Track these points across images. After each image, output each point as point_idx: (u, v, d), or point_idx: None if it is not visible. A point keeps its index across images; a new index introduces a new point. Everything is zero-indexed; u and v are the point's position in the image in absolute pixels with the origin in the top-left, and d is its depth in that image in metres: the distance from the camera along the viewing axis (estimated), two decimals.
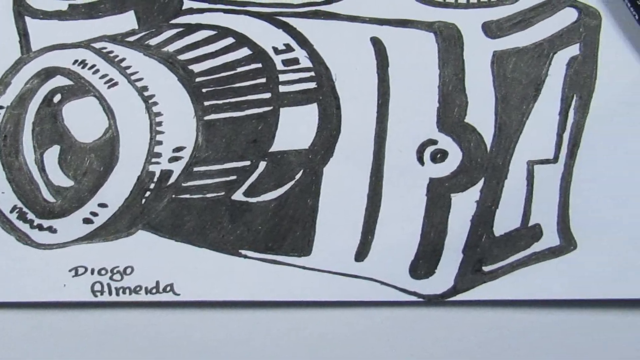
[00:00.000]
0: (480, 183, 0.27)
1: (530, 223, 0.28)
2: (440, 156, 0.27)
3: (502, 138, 0.27)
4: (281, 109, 0.27)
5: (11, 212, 0.27)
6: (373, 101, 0.28)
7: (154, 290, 0.27)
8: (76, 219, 0.27)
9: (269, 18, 0.28)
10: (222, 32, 0.27)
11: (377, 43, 0.28)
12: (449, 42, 0.27)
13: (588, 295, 0.27)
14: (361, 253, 0.27)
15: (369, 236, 0.27)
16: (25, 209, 0.27)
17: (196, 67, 0.27)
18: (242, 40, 0.27)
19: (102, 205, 0.26)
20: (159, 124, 0.26)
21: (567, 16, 0.28)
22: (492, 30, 0.28)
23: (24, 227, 0.27)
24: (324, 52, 0.28)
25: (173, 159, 0.26)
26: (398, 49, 0.27)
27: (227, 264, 0.27)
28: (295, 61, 0.27)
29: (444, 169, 0.27)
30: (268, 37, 0.28)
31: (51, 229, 0.27)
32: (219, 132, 0.27)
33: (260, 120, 0.27)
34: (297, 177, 0.27)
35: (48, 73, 0.27)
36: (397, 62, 0.27)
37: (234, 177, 0.27)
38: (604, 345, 0.28)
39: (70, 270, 0.27)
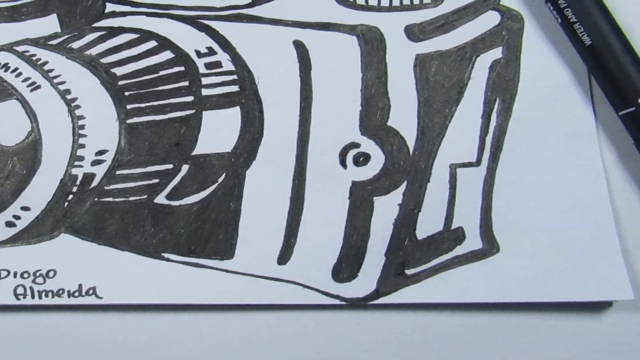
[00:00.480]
0: (403, 186, 0.31)
1: (453, 226, 0.31)
2: (362, 159, 0.31)
3: (425, 141, 0.31)
4: (204, 112, 0.31)
5: None
6: (296, 104, 0.32)
7: (76, 294, 0.30)
8: None
9: (192, 21, 0.32)
10: (145, 35, 0.31)
11: (299, 46, 0.32)
12: (372, 45, 0.32)
13: (510, 299, 0.30)
14: (284, 256, 0.31)
15: (291, 239, 0.31)
16: None
17: (119, 71, 0.31)
18: (164, 43, 0.31)
19: (25, 209, 0.30)
20: (82, 127, 0.30)
21: (489, 19, 0.33)
22: (414, 33, 0.32)
23: None
24: (247, 55, 0.32)
25: (96, 162, 0.30)
26: (320, 52, 0.32)
27: (149, 268, 0.31)
28: (218, 64, 0.31)
29: (367, 172, 0.31)
30: (191, 40, 0.32)
31: None
32: (141, 136, 0.31)
33: (183, 123, 0.31)
34: (220, 180, 0.31)
35: None
36: (319, 65, 0.32)
37: (156, 181, 0.31)
38: (526, 349, 0.31)
39: None
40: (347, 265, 0.31)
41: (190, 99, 0.31)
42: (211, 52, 0.32)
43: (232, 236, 0.31)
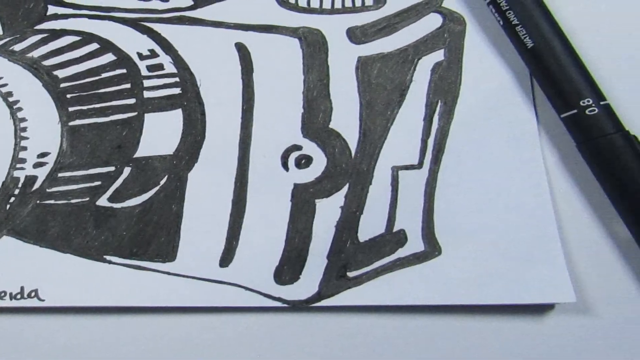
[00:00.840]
0: (345, 189, 0.31)
1: (395, 229, 0.32)
2: (304, 162, 0.31)
3: (367, 144, 0.32)
4: (146, 115, 0.31)
5: None
6: (238, 107, 0.32)
7: (18, 296, 0.30)
8: None
9: (134, 24, 0.32)
10: (87, 37, 0.32)
11: (241, 49, 0.32)
12: (314, 47, 0.32)
13: (452, 301, 0.31)
14: (226, 259, 0.31)
15: (233, 242, 0.31)
16: None
17: (61, 73, 0.31)
18: (106, 46, 0.32)
19: None
20: (24, 129, 0.31)
21: (431, 22, 0.33)
22: (356, 36, 0.32)
23: None
24: (189, 58, 0.32)
25: (38, 165, 0.31)
26: (263, 55, 0.32)
27: (91, 270, 0.31)
28: (160, 67, 0.32)
29: (309, 174, 0.31)
30: (132, 43, 0.32)
31: None
32: (83, 138, 0.31)
33: (125, 125, 0.31)
34: (162, 182, 0.31)
35: None
36: (261, 68, 0.32)
37: (98, 183, 0.31)
38: (468, 351, 0.31)
39: None
40: (289, 267, 0.31)
41: (132, 101, 0.31)
42: (153, 54, 0.32)
43: (174, 238, 0.31)
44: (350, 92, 0.32)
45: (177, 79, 0.32)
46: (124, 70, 0.31)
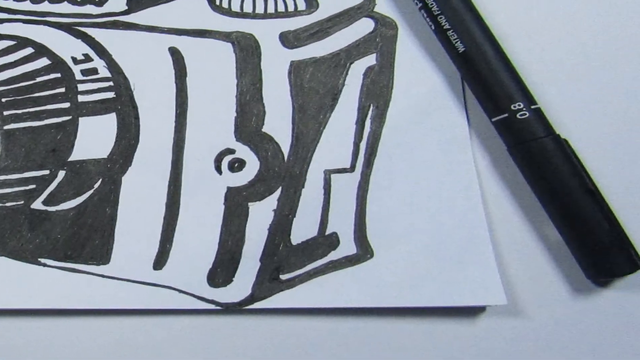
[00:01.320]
0: (278, 192, 0.32)
1: (327, 232, 0.32)
2: (237, 165, 0.32)
3: (299, 147, 0.32)
4: (80, 119, 0.32)
5: None
6: (171, 110, 0.32)
7: None
8: None
9: (68, 28, 0.33)
10: (21, 42, 0.32)
11: (175, 53, 0.32)
12: (247, 52, 0.32)
13: (384, 304, 0.31)
14: (159, 261, 0.31)
15: (167, 245, 0.31)
16: None
17: None
18: (41, 50, 0.32)
19: None
20: None
21: (364, 26, 0.33)
22: (289, 40, 0.33)
23: None
24: (123, 62, 0.32)
25: None
26: (196, 59, 0.32)
27: (26, 272, 0.31)
28: (94, 71, 0.32)
29: (242, 178, 0.32)
30: (67, 47, 0.32)
31: None
32: (18, 142, 0.32)
33: (60, 129, 0.32)
34: (96, 186, 0.31)
35: None
36: (195, 72, 0.32)
37: (33, 186, 0.31)
38: (400, 353, 0.32)
39: None
40: (222, 270, 0.31)
41: (66, 105, 0.32)
42: (87, 59, 0.32)
43: (108, 241, 0.31)
44: (283, 96, 0.33)
45: (111, 83, 0.32)
46: (59, 75, 0.32)
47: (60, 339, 0.31)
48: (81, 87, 0.32)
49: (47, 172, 0.31)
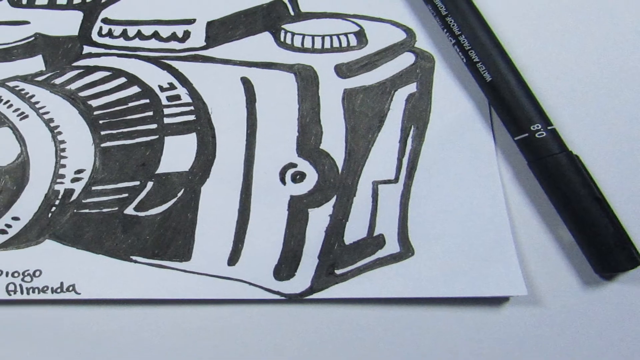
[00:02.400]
0: (333, 200, 0.34)
1: (375, 233, 0.34)
2: (299, 177, 0.34)
3: (351, 162, 0.35)
4: (166, 138, 0.35)
5: None
6: (243, 131, 0.35)
7: (58, 290, 0.33)
8: None
9: (155, 61, 0.36)
10: (116, 72, 0.35)
11: (246, 82, 0.35)
12: (307, 81, 0.35)
13: (423, 294, 0.34)
14: (233, 259, 0.34)
15: (239, 244, 0.34)
16: None
17: (94, 102, 0.34)
18: (132, 79, 0.35)
19: (15, 219, 0.34)
20: (63, 150, 0.34)
21: (406, 59, 0.36)
22: (343, 71, 0.35)
23: None
24: (202, 90, 0.35)
25: (75, 180, 0.34)
26: (264, 87, 0.35)
27: (120, 268, 0.34)
28: (178, 97, 0.35)
29: (303, 188, 0.34)
30: (154, 77, 0.35)
31: None
32: (113, 157, 0.35)
33: (148, 147, 0.35)
34: (179, 195, 0.34)
35: None
36: (263, 98, 0.35)
37: (125, 195, 0.34)
38: (436, 337, 0.34)
39: None
40: (286, 266, 0.34)
41: (154, 126, 0.34)
42: (172, 87, 0.35)
43: (190, 242, 0.34)
44: (338, 118, 0.35)
45: (192, 108, 0.35)
46: (147, 100, 0.34)
47: (148, 325, 0.34)
48: (166, 111, 0.34)
49: (137, 183, 0.34)
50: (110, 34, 0.36)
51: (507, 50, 0.35)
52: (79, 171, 0.34)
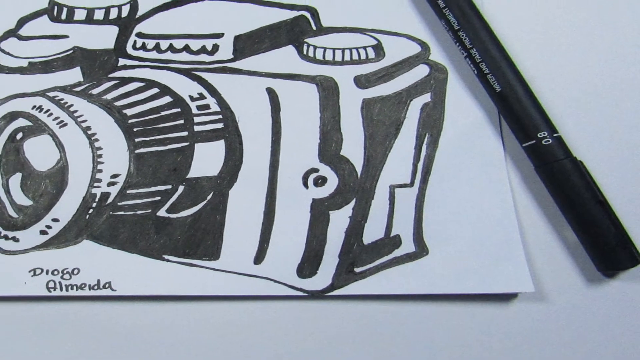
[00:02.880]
0: (353, 202, 0.35)
1: (392, 234, 0.36)
2: (321, 181, 0.35)
3: (370, 167, 0.36)
4: (196, 144, 0.35)
5: None
6: (268, 138, 0.36)
7: (95, 287, 0.34)
8: (34, 230, 0.35)
9: (186, 72, 0.37)
10: (149, 83, 0.36)
11: (271, 92, 0.36)
12: (328, 91, 0.36)
13: (437, 291, 0.35)
14: (259, 257, 0.35)
15: (264, 244, 0.35)
16: None
17: (129, 111, 0.35)
18: (165, 90, 0.36)
19: (55, 220, 0.35)
20: (100, 156, 0.35)
21: (421, 71, 0.37)
22: (361, 82, 0.36)
23: None
24: (230, 99, 0.36)
25: (111, 184, 0.35)
26: (288, 97, 0.36)
27: (153, 266, 0.35)
28: (207, 107, 0.36)
29: (324, 191, 0.35)
30: (185, 87, 0.36)
31: (14, 239, 0.35)
32: (146, 162, 0.35)
33: (179, 153, 0.36)
34: (208, 198, 0.35)
35: (12, 116, 0.36)
36: (287, 107, 0.36)
37: (158, 198, 0.35)
38: (448, 331, 0.35)
39: (29, 271, 0.35)
40: (309, 264, 0.35)
41: (185, 134, 0.35)
42: (201, 97, 0.36)
43: (218, 242, 0.35)
44: (357, 126, 0.36)
45: (220, 116, 0.36)
46: (179, 109, 0.35)
47: (179, 320, 0.35)
48: (197, 119, 0.35)
49: (169, 187, 0.35)
50: (144, 47, 0.37)
51: (515, 62, 0.36)
52: (115, 176, 0.35)
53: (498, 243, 0.35)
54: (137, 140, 0.35)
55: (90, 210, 0.35)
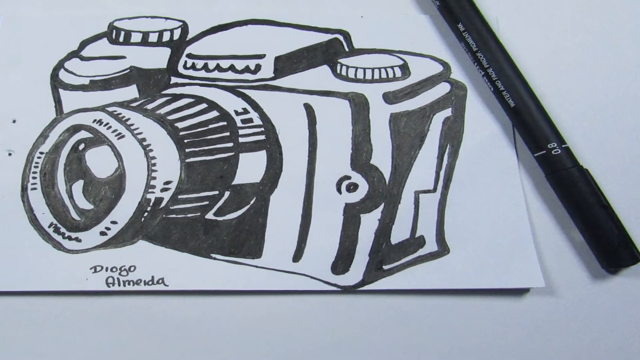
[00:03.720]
0: (381, 206, 0.37)
1: (417, 235, 0.37)
2: (352, 187, 0.37)
3: (397, 174, 0.37)
4: (240, 154, 0.37)
5: (49, 227, 0.37)
6: (305, 148, 0.37)
7: (150, 282, 0.36)
8: (95, 232, 0.36)
9: (232, 90, 0.38)
10: (198, 99, 0.38)
11: (308, 107, 0.38)
12: (359, 107, 0.38)
13: (457, 286, 0.36)
14: (297, 256, 0.36)
15: (302, 244, 0.36)
16: (59, 225, 0.36)
17: (180, 124, 0.37)
18: (212, 105, 0.37)
19: (114, 223, 0.36)
20: (154, 164, 0.36)
21: (443, 88, 0.39)
22: (389, 98, 0.38)
23: (58, 237, 0.36)
24: (270, 114, 0.38)
25: (164, 190, 0.36)
26: (323, 112, 0.38)
27: (202, 264, 0.36)
28: (250, 120, 0.38)
29: (356, 196, 0.37)
30: (231, 103, 0.38)
31: (77, 239, 0.36)
32: (196, 170, 0.37)
33: (226, 162, 0.37)
34: (252, 202, 0.37)
35: (75, 129, 0.37)
36: (322, 121, 0.38)
37: (206, 203, 0.37)
38: (467, 322, 0.36)
39: (90, 268, 0.36)
40: (342, 262, 0.36)
41: (230, 144, 0.37)
42: (245, 111, 0.38)
43: (260, 242, 0.36)
44: (385, 138, 0.37)
45: (262, 129, 0.37)
46: (225, 123, 0.37)
47: (225, 312, 0.36)
48: (241, 132, 0.37)
49: (216, 192, 0.37)
50: (193, 66, 0.39)
51: (528, 80, 0.38)
52: (167, 182, 0.36)
53: (512, 243, 0.36)
54: (187, 150, 0.36)
55: (145, 214, 0.36)
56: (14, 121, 0.38)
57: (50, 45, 0.40)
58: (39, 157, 0.37)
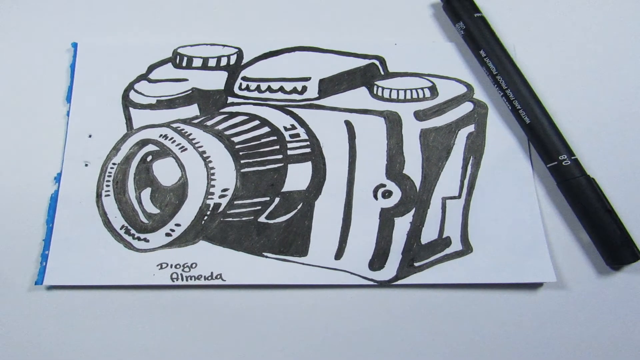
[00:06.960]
0: (413, 211, 0.40)
1: (444, 236, 0.40)
2: (387, 194, 0.40)
3: (426, 183, 0.41)
4: (289, 165, 0.40)
5: (120, 229, 0.40)
6: (345, 160, 0.40)
7: (209, 278, 0.39)
8: (161, 233, 0.40)
9: (281, 108, 0.42)
10: (252, 117, 0.41)
11: (348, 124, 0.41)
12: (393, 123, 0.41)
13: (479, 281, 0.39)
14: (339, 254, 0.39)
15: (343, 244, 0.39)
16: (129, 227, 0.40)
17: (236, 139, 0.40)
18: (264, 122, 0.41)
19: (177, 225, 0.40)
20: (213, 174, 0.39)
21: (466, 107, 0.43)
22: (420, 116, 0.41)
23: (129, 238, 0.40)
24: (315, 129, 0.41)
25: (221, 196, 0.40)
26: (361, 128, 0.41)
27: (255, 261, 0.39)
28: (297, 135, 0.41)
29: (390, 202, 0.40)
30: (280, 120, 0.41)
31: (145, 240, 0.40)
32: (249, 179, 0.40)
33: (276, 172, 0.40)
34: (299, 207, 0.40)
35: (143, 142, 0.41)
36: (361, 136, 0.41)
37: (259, 208, 0.40)
38: (488, 313, 0.39)
39: (157, 265, 0.39)
40: (378, 260, 0.39)
41: (280, 156, 0.40)
42: (293, 127, 0.41)
43: (306, 242, 0.40)
44: (416, 150, 0.41)
45: (308, 143, 0.40)
46: (275, 138, 0.40)
47: (275, 304, 0.39)
48: (289, 145, 0.40)
49: (268, 198, 0.40)
50: (247, 88, 0.42)
51: (541, 100, 0.42)
52: (225, 190, 0.39)
53: (527, 243, 0.40)
54: (242, 161, 0.40)
55: (205, 217, 0.39)
56: (90, 136, 0.41)
57: (121, 69, 0.43)
58: (111, 168, 0.40)
